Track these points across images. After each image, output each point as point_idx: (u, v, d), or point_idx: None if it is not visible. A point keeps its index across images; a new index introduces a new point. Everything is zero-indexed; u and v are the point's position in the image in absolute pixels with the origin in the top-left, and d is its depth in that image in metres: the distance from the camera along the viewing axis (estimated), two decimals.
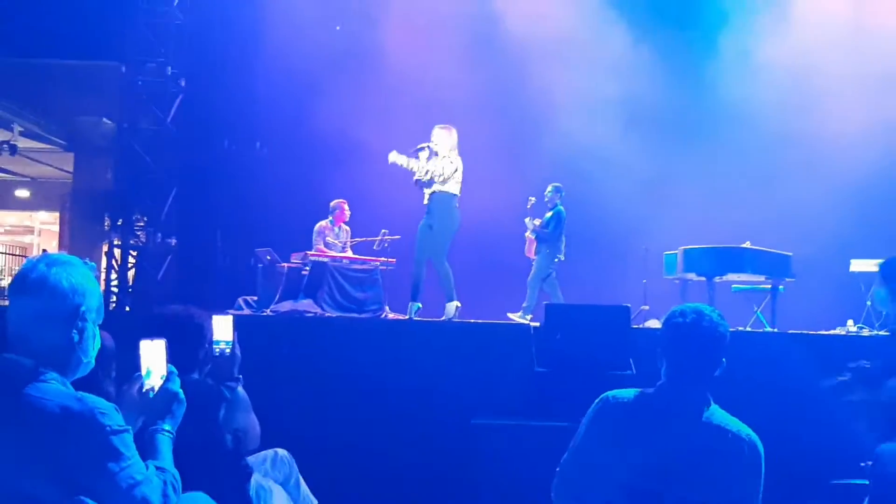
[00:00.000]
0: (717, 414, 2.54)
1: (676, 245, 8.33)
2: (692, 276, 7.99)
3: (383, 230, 8.75)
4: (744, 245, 7.90)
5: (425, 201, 7.51)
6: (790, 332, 7.27)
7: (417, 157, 7.41)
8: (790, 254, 8.07)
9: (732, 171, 10.23)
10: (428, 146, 7.46)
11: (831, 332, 7.65)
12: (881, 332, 7.32)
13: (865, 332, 7.88)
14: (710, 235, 8.40)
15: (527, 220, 8.82)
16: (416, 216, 7.68)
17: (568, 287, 9.02)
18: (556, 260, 8.70)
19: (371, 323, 7.26)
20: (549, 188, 8.82)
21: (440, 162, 7.41)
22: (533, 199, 8.88)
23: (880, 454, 2.05)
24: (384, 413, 5.86)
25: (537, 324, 6.30)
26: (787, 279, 8.12)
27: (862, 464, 3.00)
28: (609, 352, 5.39)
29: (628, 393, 2.61)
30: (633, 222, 10.02)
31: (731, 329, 6.02)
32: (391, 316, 7.92)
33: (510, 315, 8.21)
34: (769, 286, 8.11)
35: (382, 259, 8.44)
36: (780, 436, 4.63)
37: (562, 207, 8.73)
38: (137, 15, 10.19)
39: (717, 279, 7.82)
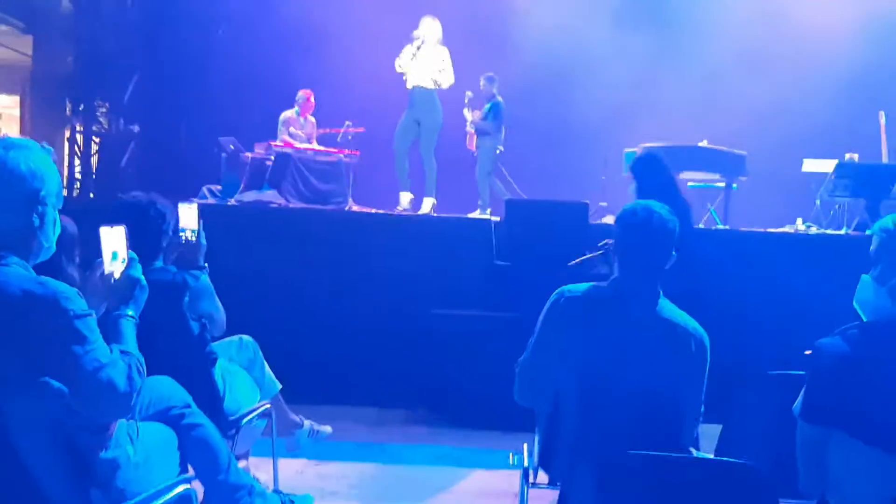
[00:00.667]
0: (667, 308, 2.59)
1: (639, 143, 8.34)
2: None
3: (347, 122, 8.62)
4: (700, 143, 7.93)
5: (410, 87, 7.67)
6: (741, 229, 7.40)
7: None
8: (744, 153, 8.13)
9: (694, 72, 10.17)
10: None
11: (781, 229, 7.80)
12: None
13: (814, 230, 8.06)
14: (672, 135, 8.42)
15: (465, 112, 8.65)
16: (382, 108, 7.58)
17: (530, 181, 9.05)
18: (497, 151, 8.62)
19: (335, 215, 7.23)
20: (482, 79, 8.61)
21: (437, 54, 7.55)
22: (470, 92, 8.69)
23: (818, 347, 2.12)
24: (347, 302, 5.93)
25: (497, 218, 6.34)
26: (741, 177, 8.21)
27: (806, 352, 3.11)
28: (567, 247, 5.44)
29: (582, 287, 2.64)
30: (597, 121, 9.99)
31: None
32: (355, 208, 7.89)
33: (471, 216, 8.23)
34: (723, 184, 8.20)
35: (347, 151, 8.34)
36: (726, 329, 4.80)
37: (499, 98, 8.58)
38: None
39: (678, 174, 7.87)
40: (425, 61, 7.64)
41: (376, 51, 7.71)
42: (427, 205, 7.86)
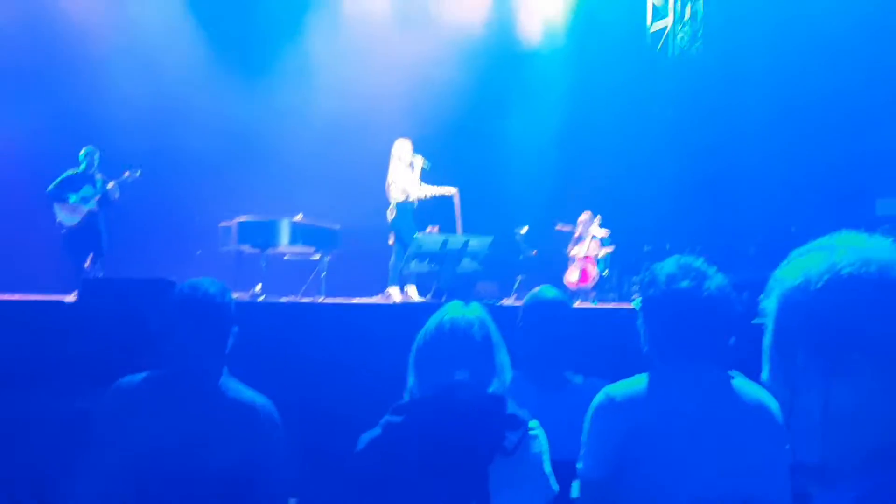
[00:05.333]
0: (232, 386, 2.51)
1: (235, 217, 8.30)
2: (247, 247, 8.02)
3: None
4: (296, 218, 8.10)
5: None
6: (336, 300, 7.66)
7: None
8: (338, 227, 8.49)
9: (288, 146, 10.53)
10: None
11: (372, 299, 8.22)
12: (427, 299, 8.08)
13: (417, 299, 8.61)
14: (268, 208, 8.53)
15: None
16: None
17: (129, 260, 8.60)
18: None
19: None
20: (82, 153, 8.24)
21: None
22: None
23: (360, 440, 2.14)
24: None
25: (73, 298, 5.81)
26: (335, 250, 8.54)
27: None
28: (150, 328, 5.13)
29: (140, 376, 2.49)
30: (193, 195, 9.83)
31: (284, 300, 6.00)
32: None
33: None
34: (318, 257, 8.46)
35: None
36: (312, 402, 4.87)
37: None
38: None
39: (270, 250, 7.94)
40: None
41: None
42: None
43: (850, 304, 1.04)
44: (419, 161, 8.25)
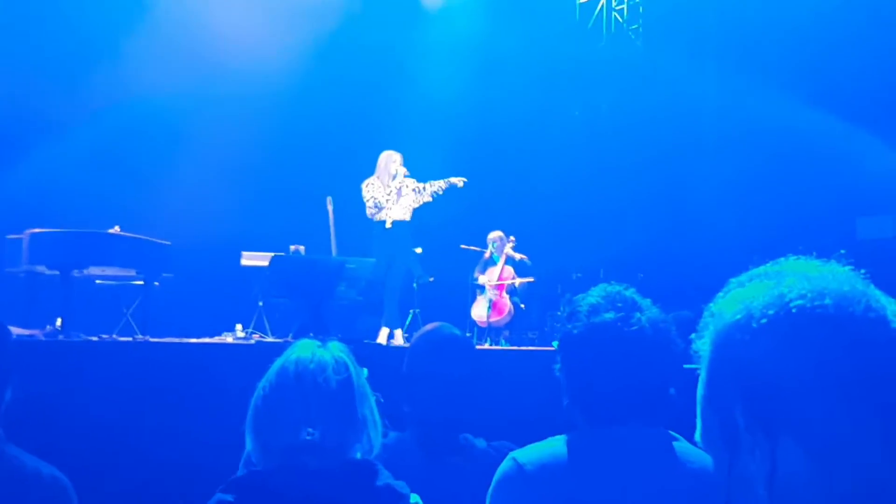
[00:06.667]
0: (10, 453, 2.48)
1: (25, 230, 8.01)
2: (42, 268, 7.75)
3: None
4: (112, 231, 7.88)
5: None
6: (164, 340, 7.49)
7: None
8: (169, 243, 8.32)
9: (118, 141, 10.40)
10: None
11: (218, 339, 8.08)
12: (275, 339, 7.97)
13: (255, 339, 8.47)
14: (70, 219, 8.31)
15: None
16: None
17: None
18: None
19: None
20: None
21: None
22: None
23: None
24: None
25: None
26: (165, 274, 8.35)
27: None
28: None
29: None
30: None
31: (92, 338, 5.87)
32: None
33: None
34: (142, 282, 8.24)
35: None
36: (126, 473, 4.76)
37: None
38: None
39: (76, 273, 7.69)
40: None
41: None
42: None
43: (799, 345, 1.05)
44: (402, 172, 8.83)
